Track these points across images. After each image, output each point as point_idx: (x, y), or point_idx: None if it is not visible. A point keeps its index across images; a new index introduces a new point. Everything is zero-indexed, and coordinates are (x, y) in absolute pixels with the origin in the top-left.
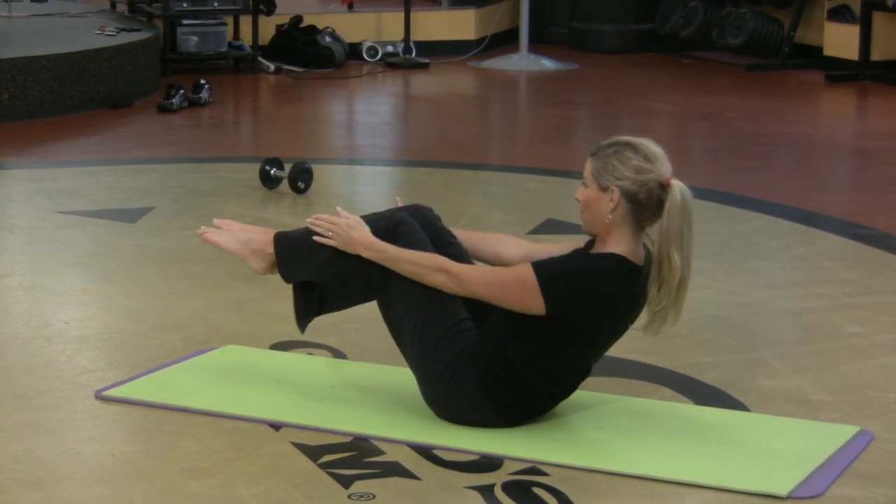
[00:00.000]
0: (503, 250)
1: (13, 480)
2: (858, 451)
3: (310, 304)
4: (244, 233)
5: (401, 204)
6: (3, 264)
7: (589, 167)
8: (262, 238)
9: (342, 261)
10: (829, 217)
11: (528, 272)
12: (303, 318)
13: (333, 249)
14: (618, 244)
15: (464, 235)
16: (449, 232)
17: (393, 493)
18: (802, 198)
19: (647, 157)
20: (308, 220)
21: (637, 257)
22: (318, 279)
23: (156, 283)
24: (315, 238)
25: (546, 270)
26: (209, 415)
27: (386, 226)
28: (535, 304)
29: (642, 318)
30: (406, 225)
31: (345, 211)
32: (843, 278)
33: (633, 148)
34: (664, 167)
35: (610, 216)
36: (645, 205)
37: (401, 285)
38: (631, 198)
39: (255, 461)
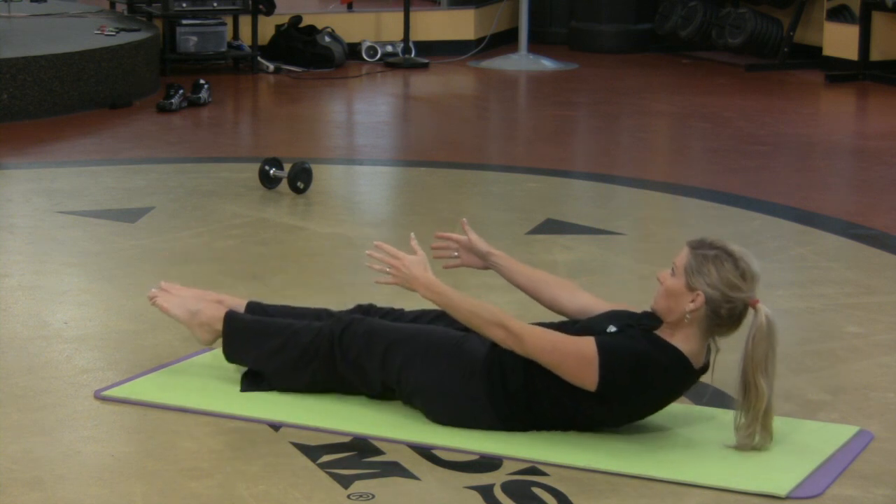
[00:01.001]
0: (561, 297)
1: (12, 480)
2: (858, 450)
3: (257, 383)
4: (194, 302)
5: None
6: (2, 264)
7: (684, 258)
8: (211, 313)
9: (285, 358)
10: (828, 217)
11: (591, 349)
12: (248, 387)
13: (281, 345)
14: (685, 342)
15: (524, 271)
16: (402, 310)
17: (392, 493)
18: (802, 198)
19: (744, 276)
20: (368, 251)
21: (698, 360)
22: (260, 369)
23: (155, 283)
24: (376, 280)
25: (609, 350)
26: (208, 415)
27: (329, 339)
28: (588, 380)
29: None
30: (348, 328)
31: (415, 241)
32: (843, 278)
33: (734, 261)
34: (756, 289)
35: (688, 316)
36: (724, 319)
37: (362, 357)
38: (714, 307)
39: (255, 461)
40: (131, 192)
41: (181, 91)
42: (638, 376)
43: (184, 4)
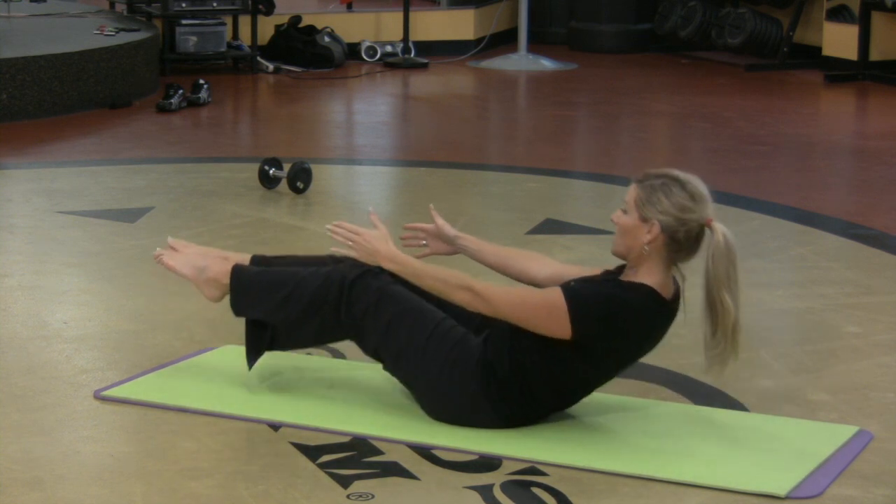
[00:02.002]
0: (531, 268)
1: (12, 480)
2: (857, 450)
3: (259, 341)
4: (200, 259)
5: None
6: (2, 264)
7: (633, 193)
8: (218, 268)
9: (294, 306)
10: (828, 217)
11: (557, 296)
12: (252, 355)
13: (289, 293)
14: (649, 275)
15: (492, 249)
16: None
17: (392, 493)
18: (801, 198)
19: (693, 197)
20: (328, 226)
21: (667, 291)
22: (268, 320)
23: (155, 283)
24: (332, 249)
25: (576, 296)
26: (208, 415)
27: (339, 285)
28: (561, 329)
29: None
30: (360, 279)
31: (377, 217)
32: (842, 278)
33: (681, 184)
34: (708, 209)
35: (646, 248)
36: (682, 243)
37: (366, 316)
38: (670, 234)
39: (254, 461)
40: (131, 192)
41: (181, 91)
42: (609, 316)
43: (183, 4)
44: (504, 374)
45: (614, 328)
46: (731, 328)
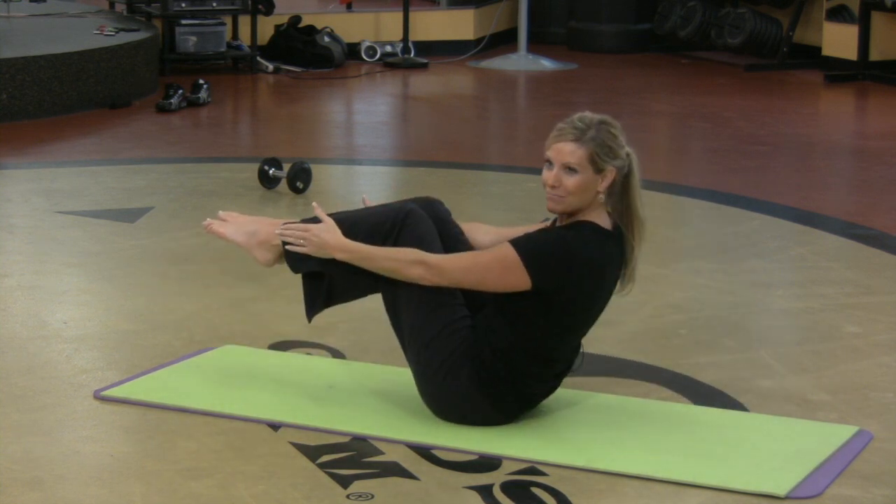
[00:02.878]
0: (475, 238)
1: (11, 480)
2: (857, 450)
3: (317, 294)
4: (250, 224)
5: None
6: (1, 264)
7: (580, 153)
8: (267, 230)
9: None
10: (827, 217)
11: (508, 250)
12: (310, 308)
13: (345, 233)
14: (588, 214)
15: None
16: (458, 227)
17: (392, 493)
18: (801, 198)
19: (620, 129)
20: (276, 230)
21: (607, 223)
22: (326, 269)
23: (154, 283)
24: (287, 248)
25: (526, 245)
26: (208, 415)
27: (393, 218)
28: (519, 280)
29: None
30: (414, 217)
31: (320, 208)
32: (842, 278)
33: (611, 124)
34: None
35: (602, 196)
36: (626, 175)
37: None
38: (622, 173)
39: (254, 461)
40: (131, 192)
41: (180, 91)
42: (562, 256)
43: (183, 4)
44: (490, 362)
45: (569, 266)
46: (641, 239)
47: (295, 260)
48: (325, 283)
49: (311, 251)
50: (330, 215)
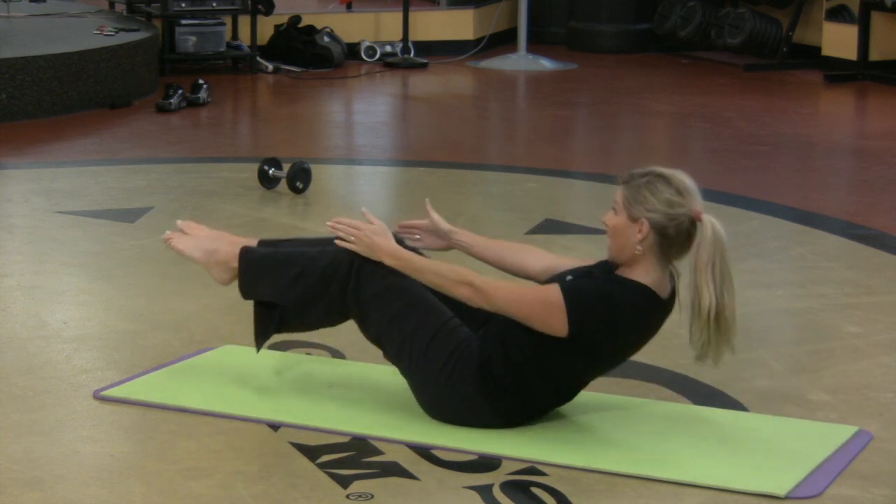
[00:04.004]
0: (526, 261)
1: (11, 480)
2: (857, 451)
3: (269, 324)
4: (210, 242)
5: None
6: (1, 264)
7: (620, 195)
8: (227, 250)
9: (305, 285)
10: (827, 217)
11: (555, 293)
12: (260, 336)
13: (299, 273)
14: (645, 274)
15: (486, 244)
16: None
17: (391, 493)
18: (801, 198)
19: (679, 191)
20: (328, 222)
21: (663, 289)
22: (279, 300)
23: (154, 283)
24: (336, 241)
25: (574, 294)
26: (207, 415)
27: (349, 261)
28: (558, 325)
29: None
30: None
31: (371, 214)
32: (842, 278)
33: (666, 180)
34: (696, 201)
35: (639, 247)
36: (674, 238)
37: (372, 302)
38: (660, 230)
39: (254, 461)
40: (131, 192)
41: (180, 91)
42: (605, 314)
43: (183, 4)
44: (499, 370)
45: (610, 326)
46: (709, 317)
47: (248, 287)
48: (277, 313)
49: (359, 249)
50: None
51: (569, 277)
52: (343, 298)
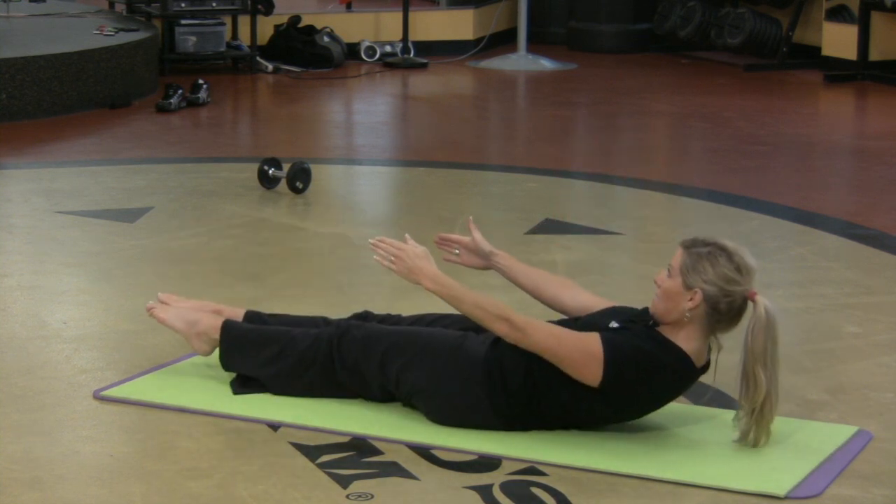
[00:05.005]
0: (563, 295)
1: (11, 480)
2: (857, 450)
3: (250, 385)
4: (192, 313)
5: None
6: (1, 264)
7: (679, 259)
8: (208, 322)
9: (283, 365)
10: (827, 217)
11: (596, 344)
12: (239, 388)
13: (278, 352)
14: (688, 341)
15: (525, 271)
16: (394, 317)
17: (391, 493)
18: (801, 198)
19: (739, 269)
20: (371, 240)
21: (700, 359)
22: (257, 376)
23: (154, 283)
24: (375, 258)
25: (614, 348)
26: (207, 415)
27: (328, 344)
28: (592, 376)
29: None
30: (347, 332)
31: (413, 240)
32: (842, 278)
33: (728, 255)
34: (753, 282)
35: (688, 314)
36: (723, 314)
37: (359, 365)
38: (713, 304)
39: (254, 461)
40: (130, 192)
41: (180, 91)
42: (641, 374)
43: (183, 4)
44: (516, 386)
45: (643, 385)
46: (760, 403)
47: (229, 361)
48: (258, 384)
49: (398, 271)
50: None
51: (613, 324)
52: (331, 378)
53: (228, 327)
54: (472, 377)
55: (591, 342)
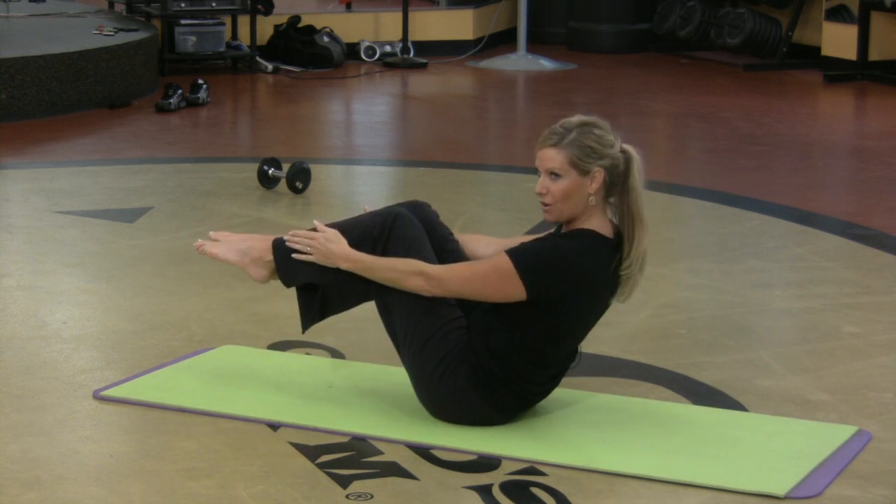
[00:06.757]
0: (477, 249)
1: (10, 480)
2: (856, 450)
3: (312, 305)
4: (242, 242)
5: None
6: (1, 264)
7: (560, 157)
8: (260, 246)
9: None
10: (826, 217)
11: (504, 261)
12: (306, 320)
13: None
14: (588, 221)
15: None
16: (447, 229)
17: (391, 493)
18: (800, 198)
19: (605, 128)
20: (285, 236)
21: (608, 230)
22: (318, 281)
23: (154, 283)
24: (294, 255)
25: (522, 256)
26: (207, 415)
27: (382, 223)
28: (515, 291)
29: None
30: (402, 221)
31: (322, 224)
32: (841, 278)
33: (594, 125)
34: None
35: (593, 198)
36: (619, 176)
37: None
38: (611, 173)
39: (253, 461)
40: (130, 192)
41: (180, 91)
42: (558, 266)
43: (182, 4)
44: (485, 362)
45: (564, 277)
46: (644, 243)
47: (287, 275)
48: (319, 294)
49: (317, 259)
50: (327, 225)
51: (517, 245)
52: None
53: (279, 243)
54: (459, 374)
55: (500, 260)
